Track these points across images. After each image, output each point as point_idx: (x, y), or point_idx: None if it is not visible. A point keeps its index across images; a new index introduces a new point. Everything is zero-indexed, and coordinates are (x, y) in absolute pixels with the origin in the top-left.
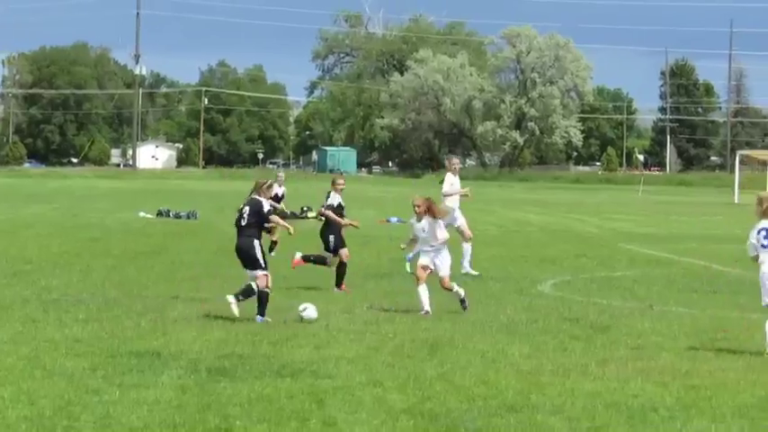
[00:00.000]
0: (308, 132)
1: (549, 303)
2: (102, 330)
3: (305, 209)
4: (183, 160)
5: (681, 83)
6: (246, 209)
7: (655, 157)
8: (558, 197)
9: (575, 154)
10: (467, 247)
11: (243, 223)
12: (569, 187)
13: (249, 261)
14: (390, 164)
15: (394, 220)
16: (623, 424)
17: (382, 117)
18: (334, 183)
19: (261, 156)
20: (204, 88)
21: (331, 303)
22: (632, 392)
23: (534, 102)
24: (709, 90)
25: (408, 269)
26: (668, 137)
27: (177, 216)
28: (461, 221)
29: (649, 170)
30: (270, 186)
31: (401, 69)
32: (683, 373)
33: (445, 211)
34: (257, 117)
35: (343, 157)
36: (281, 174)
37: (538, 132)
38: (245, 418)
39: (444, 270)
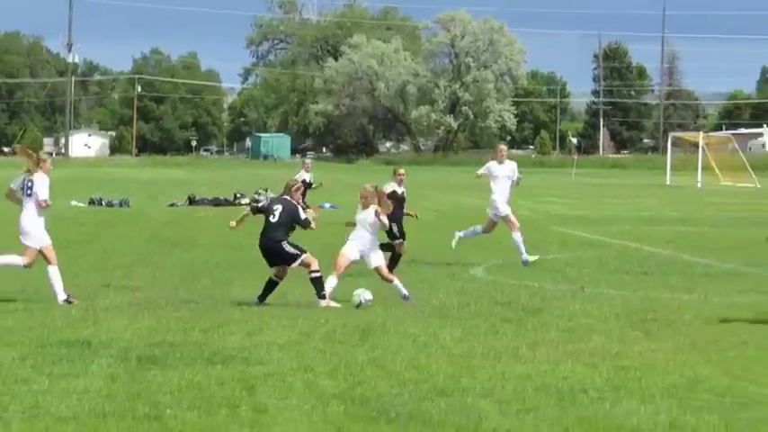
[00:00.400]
0: (242, 119)
1: (481, 287)
2: (31, 320)
3: (238, 195)
4: (117, 148)
5: (614, 66)
6: (279, 207)
7: (588, 140)
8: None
9: (508, 138)
10: (517, 236)
11: (273, 220)
12: None
13: (284, 259)
14: (324, 149)
15: (327, 206)
16: (553, 406)
17: (316, 103)
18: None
19: (194, 143)
20: (137, 76)
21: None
22: (562, 374)
23: (468, 86)
24: (641, 73)
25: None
26: (601, 120)
27: (110, 204)
28: (508, 211)
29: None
30: (299, 189)
31: (335, 55)
32: (613, 354)
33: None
34: (191, 104)
35: (276, 143)
36: (309, 161)
37: (472, 116)
38: (176, 406)
39: (376, 261)
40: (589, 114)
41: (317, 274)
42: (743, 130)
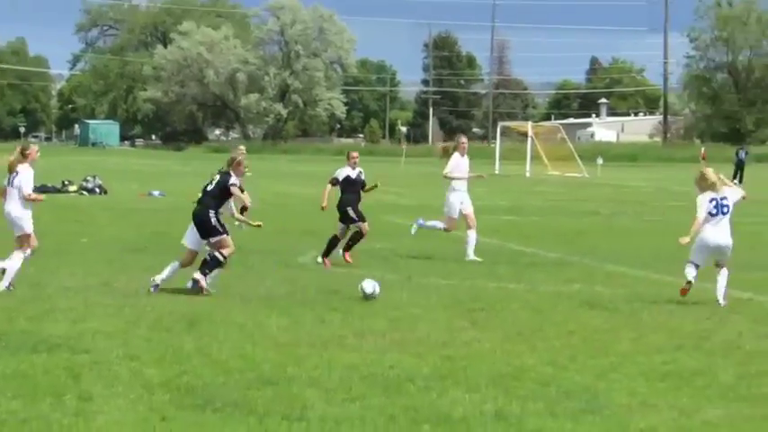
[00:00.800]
0: (70, 106)
1: (309, 275)
2: None
3: (66, 183)
4: None
5: (444, 55)
6: (216, 178)
7: (418, 129)
8: (321, 169)
9: (338, 126)
10: (471, 234)
11: (208, 188)
12: (332, 159)
13: (205, 230)
14: (154, 137)
15: (156, 193)
16: (379, 395)
17: (145, 89)
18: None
19: (23, 130)
20: None
21: (90, 276)
22: (389, 364)
23: (298, 74)
24: (471, 62)
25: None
26: (431, 109)
27: None
28: (469, 208)
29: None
30: (239, 163)
31: (165, 42)
32: (440, 343)
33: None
34: (19, 91)
35: (105, 130)
36: (242, 147)
37: (302, 104)
38: (0, 395)
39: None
40: (419, 103)
41: (221, 259)
42: (571, 120)
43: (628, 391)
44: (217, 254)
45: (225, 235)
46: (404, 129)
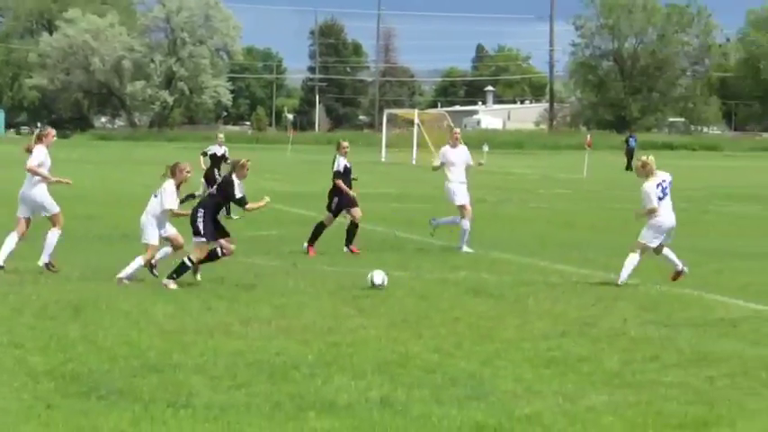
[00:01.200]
0: None
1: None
2: None
3: None
4: None
5: (330, 42)
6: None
7: (304, 117)
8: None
9: (224, 114)
10: (465, 225)
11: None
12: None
13: (192, 225)
14: (39, 124)
15: None
16: (265, 382)
17: (31, 77)
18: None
19: None
20: None
21: None
22: (275, 350)
23: (184, 61)
24: (357, 50)
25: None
26: (317, 96)
27: None
28: (463, 199)
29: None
30: (243, 166)
31: (50, 29)
32: (326, 330)
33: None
34: None
35: None
36: (221, 135)
37: (188, 92)
38: None
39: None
40: (305, 91)
41: (188, 263)
42: (458, 108)
43: (513, 378)
44: (185, 258)
45: (204, 239)
46: (290, 116)
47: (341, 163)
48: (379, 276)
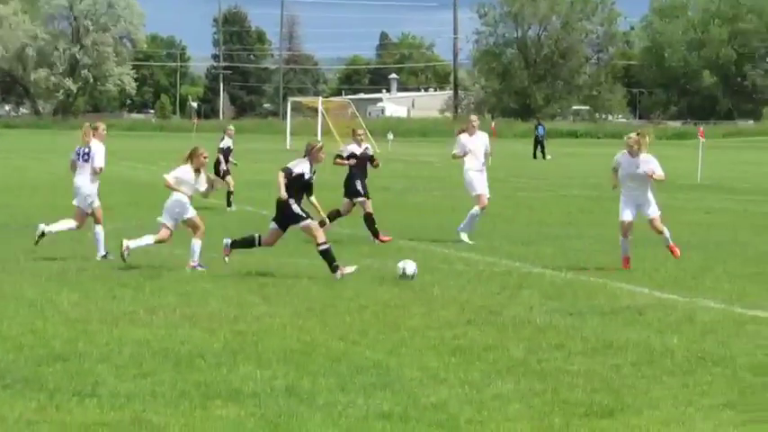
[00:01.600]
0: None
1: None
2: None
3: None
4: None
5: (234, 30)
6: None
7: (209, 105)
8: (112, 145)
9: (129, 102)
10: (476, 210)
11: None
12: (123, 135)
13: (286, 216)
14: None
15: None
16: (170, 370)
17: None
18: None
19: None
20: None
21: None
22: (180, 339)
23: (88, 49)
24: (261, 37)
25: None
26: (221, 84)
27: None
28: (481, 188)
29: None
30: (320, 149)
31: None
32: (231, 318)
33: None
34: None
35: None
36: (232, 127)
37: (92, 80)
38: None
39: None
40: (209, 79)
41: (318, 250)
42: (362, 96)
43: (419, 366)
44: (318, 249)
45: (309, 220)
46: (195, 104)
47: (347, 149)
48: (411, 266)
